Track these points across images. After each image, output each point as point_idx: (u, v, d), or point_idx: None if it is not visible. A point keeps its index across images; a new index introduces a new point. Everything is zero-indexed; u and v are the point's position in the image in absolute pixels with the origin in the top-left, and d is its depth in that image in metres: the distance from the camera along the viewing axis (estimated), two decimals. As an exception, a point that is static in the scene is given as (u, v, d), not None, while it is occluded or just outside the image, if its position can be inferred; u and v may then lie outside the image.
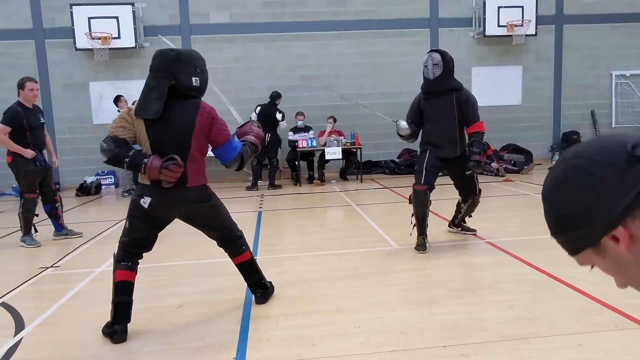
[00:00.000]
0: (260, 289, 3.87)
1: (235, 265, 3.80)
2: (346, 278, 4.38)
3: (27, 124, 5.94)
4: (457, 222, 5.90)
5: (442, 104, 5.20)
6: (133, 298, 3.38)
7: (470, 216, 5.76)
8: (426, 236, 5.26)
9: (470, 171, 5.17)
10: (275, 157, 10.84)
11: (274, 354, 3.01)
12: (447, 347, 2.99)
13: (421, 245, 5.19)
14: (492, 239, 5.52)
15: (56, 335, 3.42)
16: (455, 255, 5.00)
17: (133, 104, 9.68)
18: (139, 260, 3.42)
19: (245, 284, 4.31)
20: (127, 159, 3.15)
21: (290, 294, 4.05)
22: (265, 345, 3.14)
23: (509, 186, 9.63)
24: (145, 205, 3.22)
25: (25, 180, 6.04)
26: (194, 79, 3.24)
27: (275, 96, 10.93)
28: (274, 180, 10.80)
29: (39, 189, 6.17)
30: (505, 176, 10.92)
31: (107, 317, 3.67)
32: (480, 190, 5.55)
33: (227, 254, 3.79)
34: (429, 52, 5.29)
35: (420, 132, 5.49)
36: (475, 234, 5.80)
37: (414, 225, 5.28)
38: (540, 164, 12.67)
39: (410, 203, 5.37)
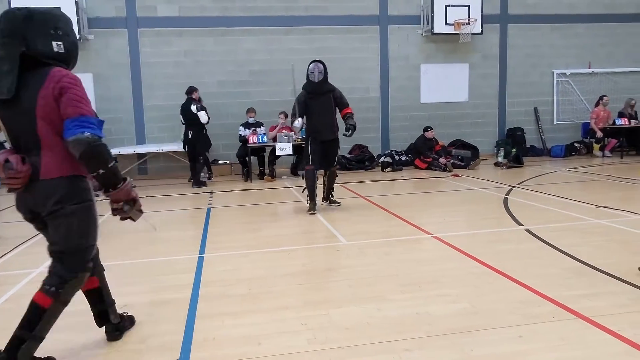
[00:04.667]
0: (106, 322, 3.25)
1: None
2: (294, 275, 4.36)
3: None
4: (326, 196, 7.62)
5: (325, 102, 7.16)
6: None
7: (333, 189, 7.62)
8: (315, 203, 7.15)
9: (350, 132, 7.18)
10: (203, 154, 10.68)
11: (219, 354, 2.96)
12: (392, 342, 3.01)
13: (312, 208, 7.06)
14: (439, 233, 5.62)
15: (-11, 340, 3.26)
16: (402, 250, 5.06)
17: None
18: None
19: (191, 282, 4.27)
20: None
21: (238, 292, 4.00)
22: (211, 345, 3.09)
23: (456, 181, 9.84)
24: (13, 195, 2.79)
25: None
26: (55, 43, 2.68)
27: (191, 90, 10.48)
28: (199, 177, 10.57)
29: None
30: (452, 171, 11.14)
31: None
32: (337, 164, 7.54)
33: None
34: (315, 61, 7.21)
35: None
36: (338, 207, 7.44)
37: (307, 195, 7.18)
38: (486, 159, 13.00)
39: (303, 178, 7.93)
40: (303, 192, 7.42)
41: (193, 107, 10.22)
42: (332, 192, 7.65)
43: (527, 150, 13.84)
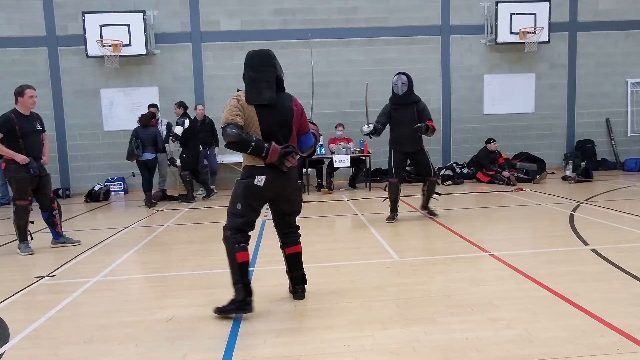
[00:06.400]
0: (302, 284, 4.16)
1: (287, 255, 4.13)
2: (342, 292, 4.26)
3: (19, 130, 5.93)
4: (424, 205, 7.52)
5: (408, 113, 7.02)
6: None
7: (435, 199, 7.53)
8: (396, 214, 7.29)
9: (419, 125, 6.82)
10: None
11: (257, 374, 2.90)
12: (437, 369, 2.86)
13: (392, 218, 7.24)
14: (497, 251, 5.35)
15: (38, 350, 3.34)
16: (457, 269, 4.85)
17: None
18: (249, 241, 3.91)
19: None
20: (252, 143, 3.57)
21: (283, 308, 3.95)
22: (250, 363, 3.04)
23: (520, 196, 9.43)
24: (261, 183, 3.69)
25: (16, 187, 6.05)
26: (282, 75, 3.82)
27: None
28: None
29: (32, 196, 6.18)
30: (516, 185, 10.72)
31: (94, 330, 3.62)
32: (435, 173, 7.34)
33: (281, 242, 4.15)
34: (398, 74, 7.15)
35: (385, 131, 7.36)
36: (437, 218, 7.35)
37: (389, 206, 7.27)
38: (553, 172, 12.45)
39: (385, 189, 7.67)
40: (384, 201, 7.54)
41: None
42: (431, 201, 7.49)
43: (597, 164, 13.14)
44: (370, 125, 7.12)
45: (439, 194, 7.65)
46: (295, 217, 4.11)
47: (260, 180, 3.69)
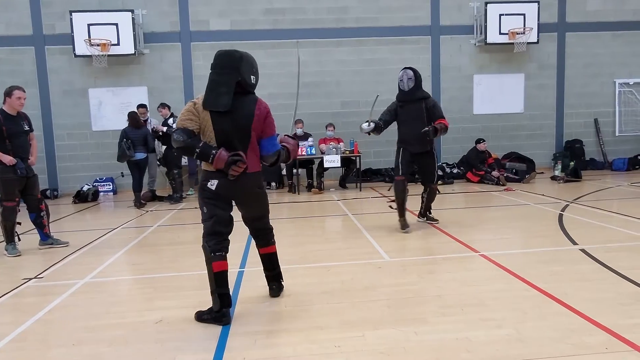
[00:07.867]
0: (276, 282, 4.24)
1: (261, 255, 4.20)
2: (332, 293, 4.25)
3: (6, 131, 5.87)
4: (423, 212, 7.12)
5: (414, 110, 6.47)
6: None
7: (431, 207, 7.07)
8: (405, 219, 6.60)
9: (426, 129, 6.27)
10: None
11: (247, 375, 2.89)
12: (428, 369, 2.86)
13: (404, 225, 6.55)
14: (487, 251, 5.37)
15: (25, 353, 3.30)
16: (447, 269, 4.86)
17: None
18: (228, 248, 3.77)
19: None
20: (197, 149, 3.51)
21: (273, 309, 3.93)
22: (240, 365, 3.02)
23: (509, 196, 9.48)
24: (213, 187, 3.64)
25: (4, 188, 5.98)
26: (252, 77, 3.68)
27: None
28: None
29: (19, 197, 6.11)
30: (506, 185, 10.77)
31: (83, 333, 3.59)
32: (437, 180, 6.88)
33: (256, 243, 4.18)
34: (403, 69, 6.54)
35: (387, 131, 6.88)
36: (437, 224, 6.94)
37: (395, 208, 6.69)
38: (542, 172, 12.52)
39: (389, 190, 7.27)
40: (390, 205, 6.88)
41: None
42: (430, 210, 7.12)
43: (586, 164, 13.24)
44: (371, 123, 6.48)
45: (438, 192, 7.10)
46: (259, 221, 4.07)
47: (212, 184, 3.65)
